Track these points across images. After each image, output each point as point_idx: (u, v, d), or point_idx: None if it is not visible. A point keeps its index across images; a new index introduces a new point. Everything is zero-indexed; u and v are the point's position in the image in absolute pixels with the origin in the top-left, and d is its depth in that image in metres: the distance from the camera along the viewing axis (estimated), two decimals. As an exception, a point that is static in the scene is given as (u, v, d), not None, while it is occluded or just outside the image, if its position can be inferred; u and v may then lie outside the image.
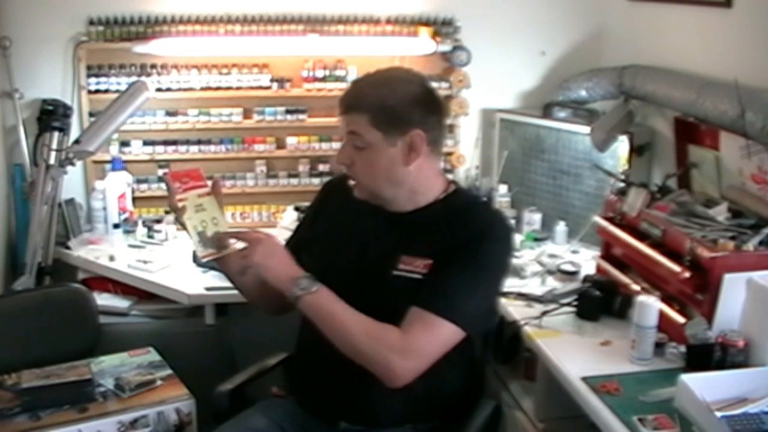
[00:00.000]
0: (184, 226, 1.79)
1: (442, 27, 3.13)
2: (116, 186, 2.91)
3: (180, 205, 1.77)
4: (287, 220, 2.90)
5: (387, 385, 1.65)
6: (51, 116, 2.80)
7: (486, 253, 1.72)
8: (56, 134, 2.78)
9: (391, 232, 1.79)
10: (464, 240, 1.71)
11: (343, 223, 1.88)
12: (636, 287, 2.27)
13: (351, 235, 1.85)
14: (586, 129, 2.82)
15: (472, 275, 1.69)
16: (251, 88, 3.03)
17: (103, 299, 2.67)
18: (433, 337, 1.65)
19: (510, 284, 2.48)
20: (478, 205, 1.95)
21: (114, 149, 2.98)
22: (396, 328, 1.65)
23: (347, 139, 1.74)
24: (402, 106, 1.69)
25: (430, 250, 1.73)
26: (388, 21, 3.10)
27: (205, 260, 1.81)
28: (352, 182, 1.79)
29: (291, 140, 3.12)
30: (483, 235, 1.73)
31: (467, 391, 1.89)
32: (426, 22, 3.11)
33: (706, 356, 1.87)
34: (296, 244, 1.92)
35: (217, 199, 1.83)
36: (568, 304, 2.29)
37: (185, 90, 3.00)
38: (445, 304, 1.65)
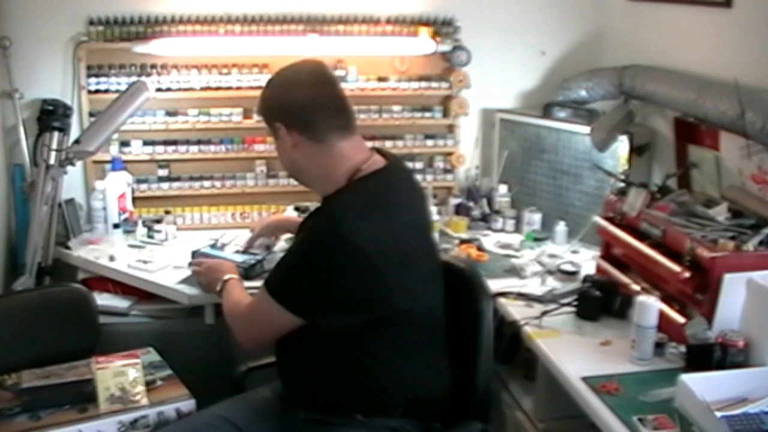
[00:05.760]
0: None
1: (442, 27, 3.13)
2: (116, 186, 2.90)
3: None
4: (287, 220, 2.89)
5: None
6: (51, 116, 2.79)
7: (307, 244, 1.79)
8: (56, 134, 2.77)
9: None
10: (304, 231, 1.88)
11: None
12: (636, 287, 2.27)
13: None
14: (586, 129, 2.82)
15: (291, 258, 1.83)
16: (251, 88, 3.02)
17: (103, 299, 2.66)
18: (259, 306, 1.87)
19: (510, 284, 2.50)
20: (339, 201, 1.80)
21: (114, 149, 2.98)
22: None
23: None
24: (270, 102, 1.87)
25: None
26: (388, 21, 3.09)
27: None
28: None
29: (291, 140, 3.11)
30: (314, 229, 1.81)
31: (452, 402, 1.89)
32: (426, 22, 3.11)
33: (706, 356, 1.87)
34: None
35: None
36: (568, 304, 2.29)
37: (185, 90, 3.00)
38: (270, 280, 1.84)
